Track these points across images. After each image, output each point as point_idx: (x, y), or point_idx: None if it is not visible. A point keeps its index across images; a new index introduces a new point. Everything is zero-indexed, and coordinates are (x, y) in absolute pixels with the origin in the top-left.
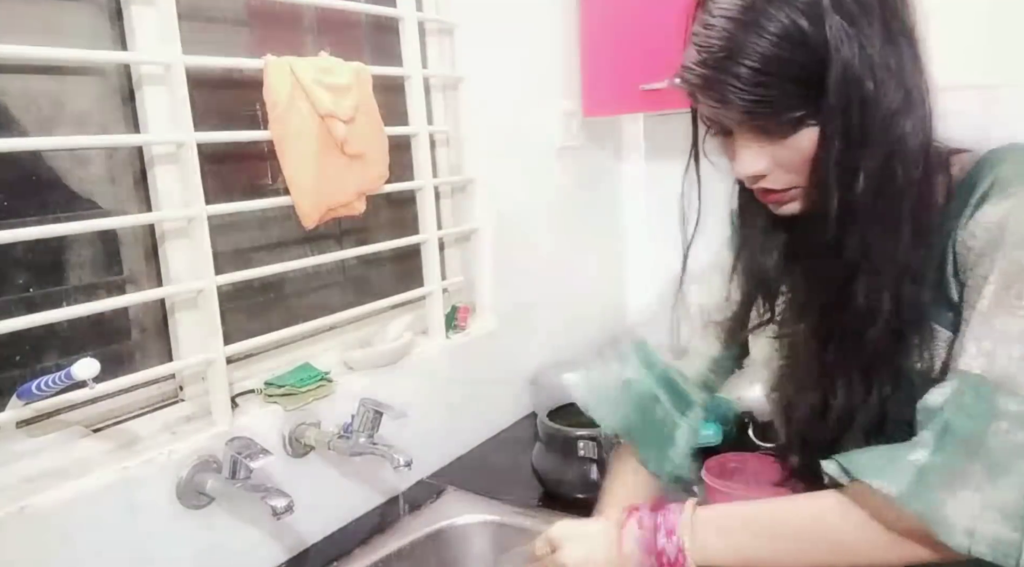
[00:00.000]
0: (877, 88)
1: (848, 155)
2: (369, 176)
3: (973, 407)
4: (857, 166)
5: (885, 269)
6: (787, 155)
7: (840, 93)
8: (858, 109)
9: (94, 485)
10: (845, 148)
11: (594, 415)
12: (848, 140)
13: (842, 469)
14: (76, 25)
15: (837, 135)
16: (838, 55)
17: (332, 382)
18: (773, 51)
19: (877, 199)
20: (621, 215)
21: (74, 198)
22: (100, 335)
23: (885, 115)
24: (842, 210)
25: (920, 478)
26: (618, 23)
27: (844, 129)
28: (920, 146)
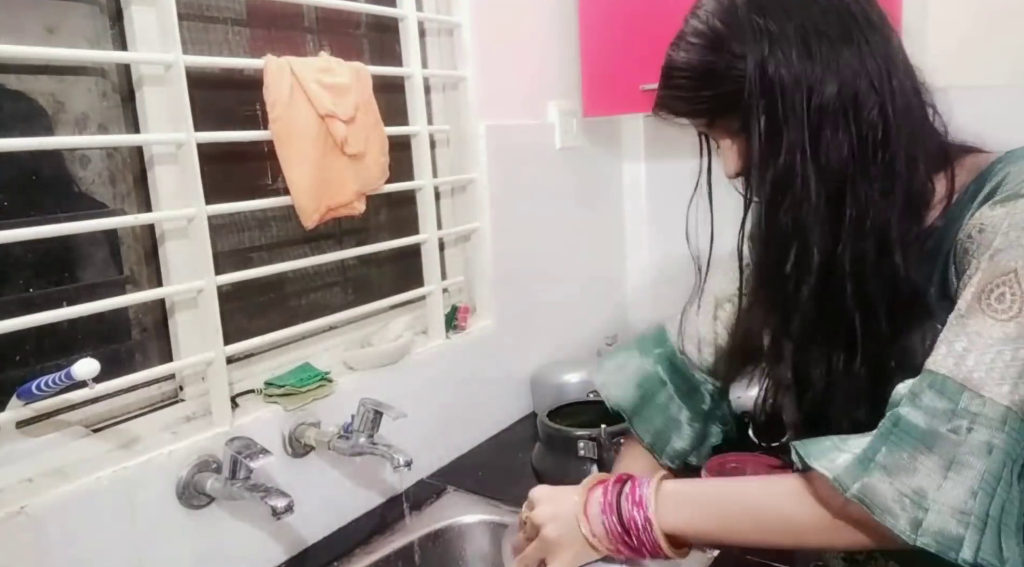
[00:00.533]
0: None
1: (769, 133)
2: (369, 176)
3: (930, 404)
4: (779, 141)
5: (812, 232)
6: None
7: (755, 84)
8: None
9: (94, 485)
10: (767, 128)
11: (601, 391)
12: (770, 121)
13: (798, 454)
14: (76, 25)
15: (759, 118)
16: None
17: (332, 382)
18: (696, 58)
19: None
20: (621, 215)
21: (74, 197)
22: (100, 335)
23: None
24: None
25: (858, 463)
26: (618, 23)
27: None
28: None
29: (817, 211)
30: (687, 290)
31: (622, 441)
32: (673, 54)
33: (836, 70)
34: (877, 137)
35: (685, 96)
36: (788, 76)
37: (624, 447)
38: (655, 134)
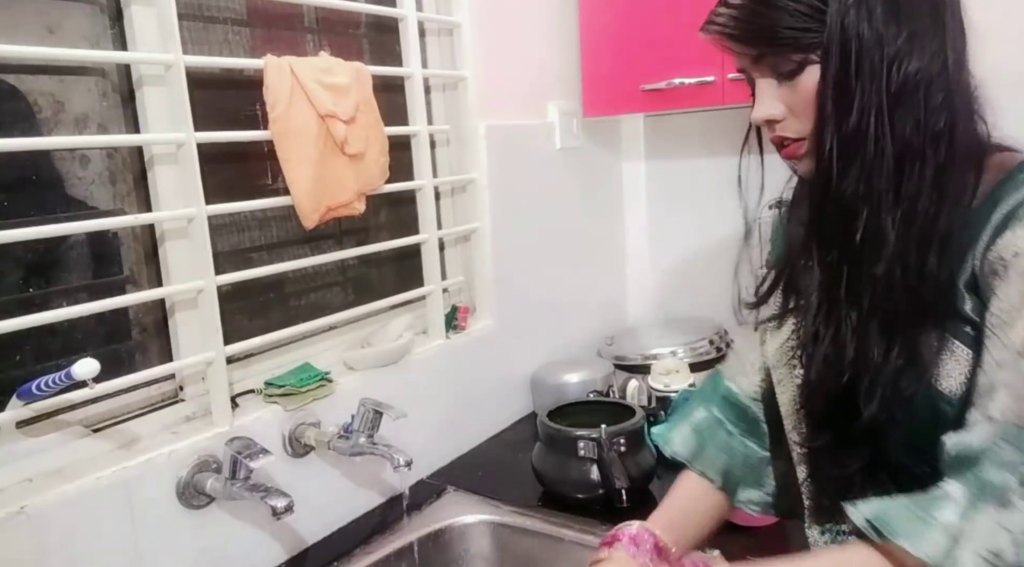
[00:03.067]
0: (875, 29)
1: (841, 88)
2: (369, 176)
3: (1011, 460)
4: (851, 100)
5: (886, 206)
6: (797, 98)
7: (836, 29)
8: (854, 46)
9: (94, 485)
10: (838, 82)
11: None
12: (842, 75)
13: (871, 526)
14: (76, 25)
15: (832, 68)
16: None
17: (332, 382)
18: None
19: (877, 135)
20: (621, 215)
21: (68, 200)
22: (100, 335)
23: (886, 55)
24: (836, 142)
25: (956, 543)
26: (618, 23)
27: (839, 64)
28: (936, 102)
29: (888, 180)
30: (687, 290)
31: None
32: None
33: (919, 47)
34: (939, 126)
35: (743, 18)
36: (870, 35)
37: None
38: (655, 134)
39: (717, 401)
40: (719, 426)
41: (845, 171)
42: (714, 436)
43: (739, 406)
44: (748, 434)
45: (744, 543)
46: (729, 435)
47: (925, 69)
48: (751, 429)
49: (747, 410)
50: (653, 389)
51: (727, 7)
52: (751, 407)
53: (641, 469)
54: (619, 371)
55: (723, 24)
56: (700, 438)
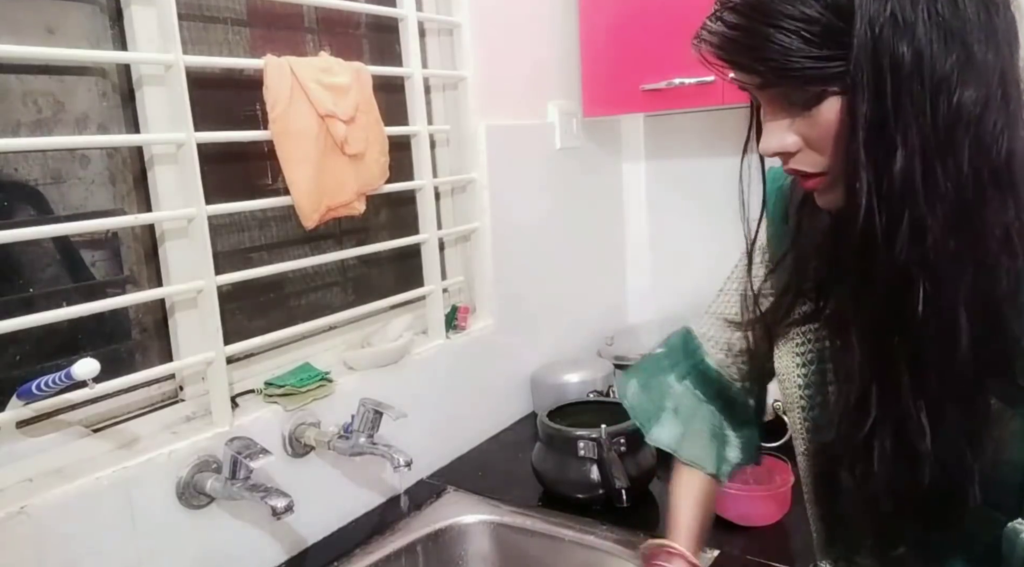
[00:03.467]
0: (916, 49)
1: (878, 128)
2: (369, 176)
3: None
4: (892, 141)
5: (950, 270)
6: (815, 132)
7: (865, 52)
8: (890, 73)
9: (94, 485)
10: (874, 119)
11: (633, 417)
12: (878, 110)
13: None
14: (76, 25)
15: (864, 103)
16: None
17: (332, 382)
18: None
19: (928, 185)
20: (621, 215)
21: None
22: (100, 335)
23: (931, 81)
24: (877, 197)
25: None
26: (618, 23)
27: (873, 96)
28: (993, 131)
29: (947, 240)
30: (687, 290)
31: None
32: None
33: (973, 63)
34: (999, 158)
35: (743, 42)
36: (911, 56)
37: (677, 475)
38: (655, 134)
39: (693, 372)
40: (699, 405)
41: (893, 233)
42: (697, 418)
43: (719, 385)
44: (725, 412)
45: (744, 543)
46: (711, 414)
47: (984, 94)
48: (730, 408)
49: (726, 389)
50: None
51: (724, 24)
52: (730, 387)
53: (641, 469)
54: (619, 371)
55: (719, 46)
56: (683, 423)
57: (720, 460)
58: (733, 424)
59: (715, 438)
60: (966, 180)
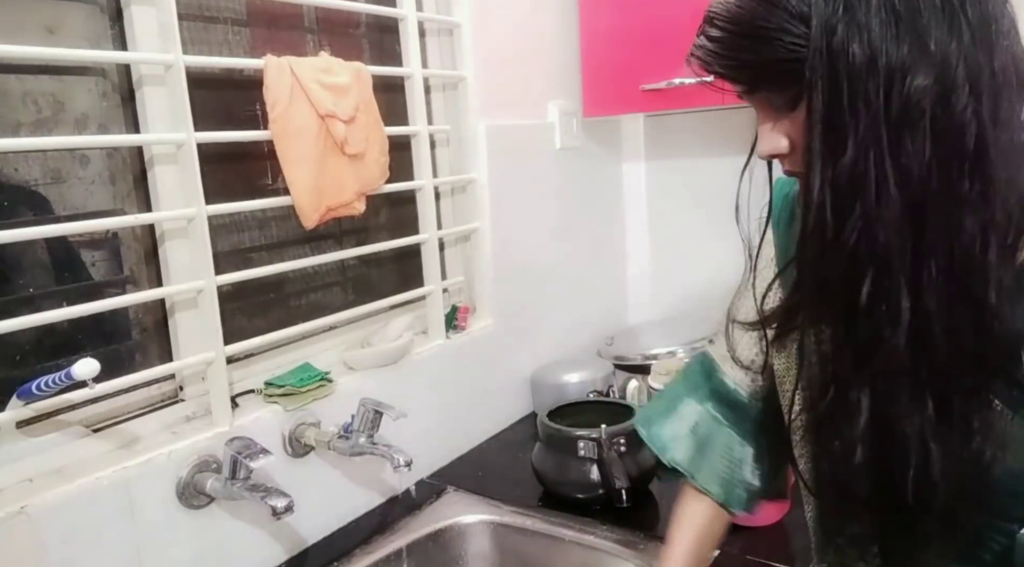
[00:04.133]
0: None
1: (831, 122)
2: (369, 176)
3: None
4: (844, 137)
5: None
6: (796, 132)
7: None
8: (844, 70)
9: (94, 485)
10: (828, 114)
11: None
12: (832, 105)
13: None
14: (76, 25)
15: (819, 100)
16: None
17: (332, 382)
18: (743, 8)
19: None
20: (621, 215)
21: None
22: (100, 335)
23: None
24: (830, 189)
25: None
26: (618, 23)
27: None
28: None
29: (899, 229)
30: (687, 290)
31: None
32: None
33: (927, 52)
34: (968, 147)
35: (723, 53)
36: (863, 53)
37: (683, 502)
38: (655, 134)
39: (710, 395)
40: (718, 427)
41: (841, 224)
42: (714, 441)
43: (738, 405)
44: (748, 436)
45: (744, 543)
46: (730, 437)
47: (934, 83)
48: (752, 430)
49: (746, 410)
50: (653, 389)
51: (707, 38)
52: (750, 407)
53: (641, 469)
54: (619, 371)
55: (703, 59)
56: (699, 444)
57: (733, 488)
58: (757, 450)
59: (732, 465)
60: (926, 172)
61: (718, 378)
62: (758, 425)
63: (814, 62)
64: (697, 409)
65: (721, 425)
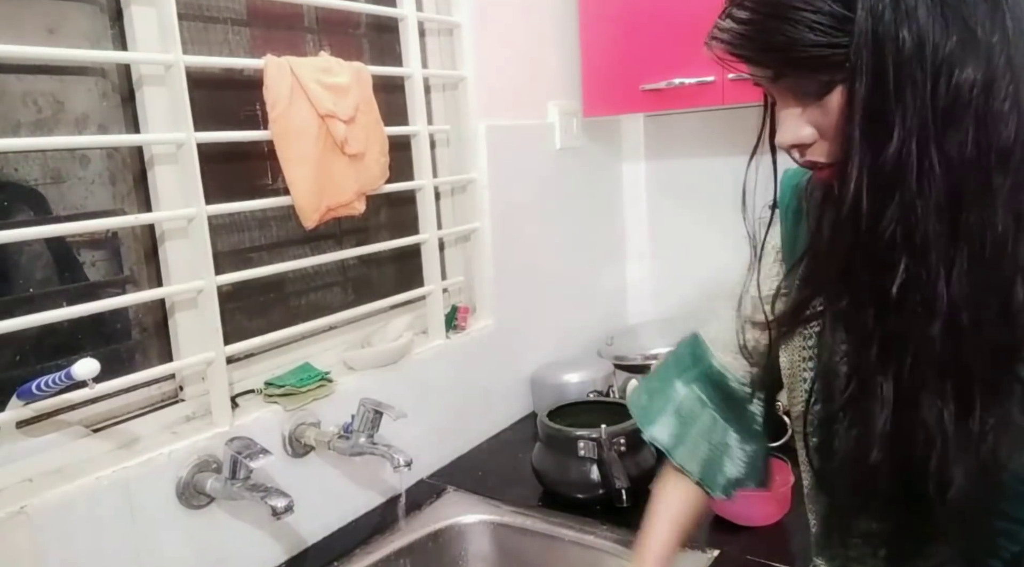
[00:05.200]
0: (917, 33)
1: (876, 112)
2: (369, 176)
3: None
4: (890, 126)
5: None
6: (827, 120)
7: (865, 39)
8: (891, 58)
9: (94, 485)
10: (873, 103)
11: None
12: (877, 94)
13: None
14: (76, 25)
15: (863, 89)
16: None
17: (332, 382)
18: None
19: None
20: (621, 215)
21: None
22: (100, 335)
23: (932, 64)
24: (868, 178)
25: None
26: (618, 23)
27: (873, 81)
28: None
29: (939, 220)
30: (687, 290)
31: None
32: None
33: (975, 41)
34: (1006, 138)
35: (752, 36)
36: (912, 39)
37: (661, 485)
38: (655, 134)
39: (700, 378)
40: (702, 409)
41: (880, 213)
42: (697, 421)
43: (726, 389)
44: (732, 421)
45: (744, 543)
46: (713, 421)
47: (986, 74)
48: (736, 416)
49: (733, 395)
50: None
51: (733, 20)
52: (737, 392)
53: (641, 469)
54: (619, 371)
55: (729, 42)
56: (682, 423)
57: (714, 471)
58: (740, 435)
59: (714, 447)
60: (968, 163)
61: (707, 361)
62: (744, 412)
63: (859, 47)
64: (683, 390)
65: (705, 407)
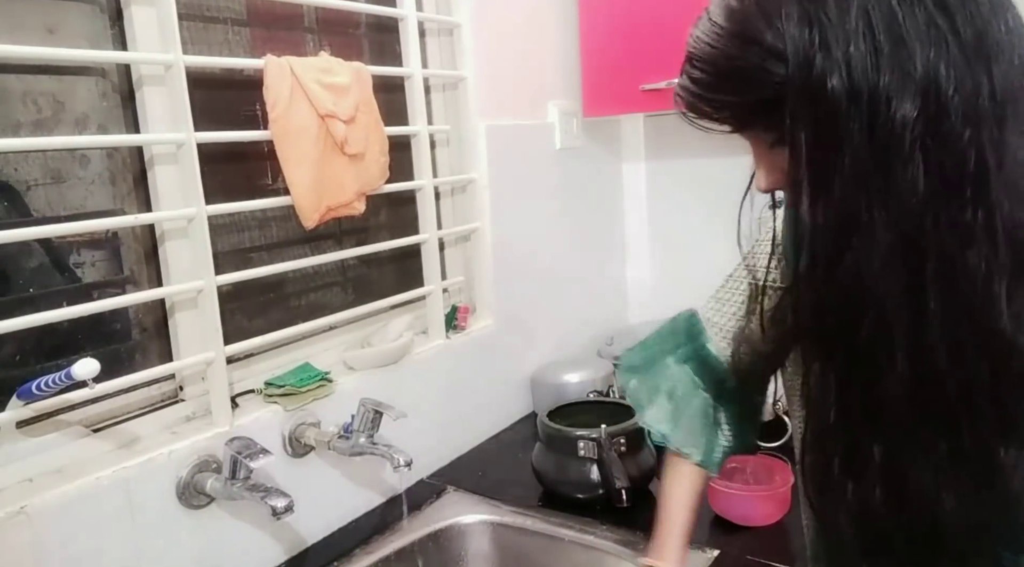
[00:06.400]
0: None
1: (818, 158)
2: (369, 176)
3: None
4: (831, 168)
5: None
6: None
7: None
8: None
9: (94, 485)
10: (813, 150)
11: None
12: (816, 141)
13: None
14: (76, 25)
15: (802, 137)
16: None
17: (332, 382)
18: (719, 50)
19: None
20: (621, 215)
21: None
22: (100, 335)
23: (867, 103)
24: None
25: None
26: (618, 23)
27: (811, 129)
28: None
29: (894, 268)
30: (687, 290)
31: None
32: (693, 37)
33: (911, 78)
34: (967, 175)
35: (704, 95)
36: (843, 84)
37: (667, 470)
38: (655, 134)
39: (691, 355)
40: (695, 391)
41: (835, 265)
42: (691, 405)
43: (717, 372)
44: (721, 400)
45: (744, 543)
46: (706, 402)
47: (923, 106)
48: (726, 396)
49: (724, 379)
50: None
51: (689, 79)
52: (727, 377)
53: (641, 469)
54: (619, 371)
55: (685, 100)
56: (676, 407)
57: (711, 450)
58: (728, 416)
59: (707, 427)
60: (921, 205)
61: (702, 342)
62: (732, 392)
63: (794, 99)
64: (675, 370)
65: (697, 389)
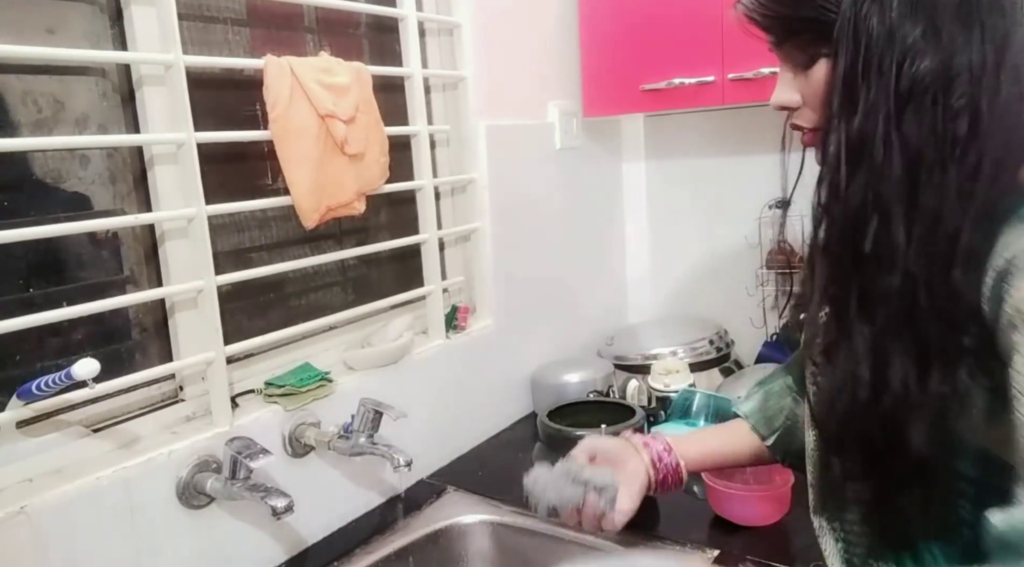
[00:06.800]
0: (887, 22)
1: (848, 88)
2: (369, 176)
3: None
4: (857, 100)
5: (898, 216)
6: (810, 90)
7: (845, 23)
8: (864, 42)
9: (94, 485)
10: (845, 81)
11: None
12: (850, 73)
13: None
14: (76, 25)
15: (842, 64)
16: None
17: (332, 382)
18: None
19: (885, 140)
20: (621, 215)
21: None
22: (100, 335)
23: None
24: (845, 149)
25: None
26: (618, 23)
27: (848, 61)
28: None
29: (899, 188)
30: (687, 290)
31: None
32: None
33: (937, 44)
34: (960, 130)
35: (764, 3)
36: (882, 30)
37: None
38: (655, 134)
39: (793, 369)
40: (788, 393)
41: (852, 175)
42: (780, 401)
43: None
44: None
45: (744, 543)
46: (795, 402)
47: (940, 69)
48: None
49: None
50: (653, 389)
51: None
52: None
53: None
54: (619, 371)
55: (746, 6)
56: (766, 401)
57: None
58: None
59: (783, 415)
60: (923, 143)
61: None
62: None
63: (841, 29)
64: (780, 383)
65: (791, 392)
